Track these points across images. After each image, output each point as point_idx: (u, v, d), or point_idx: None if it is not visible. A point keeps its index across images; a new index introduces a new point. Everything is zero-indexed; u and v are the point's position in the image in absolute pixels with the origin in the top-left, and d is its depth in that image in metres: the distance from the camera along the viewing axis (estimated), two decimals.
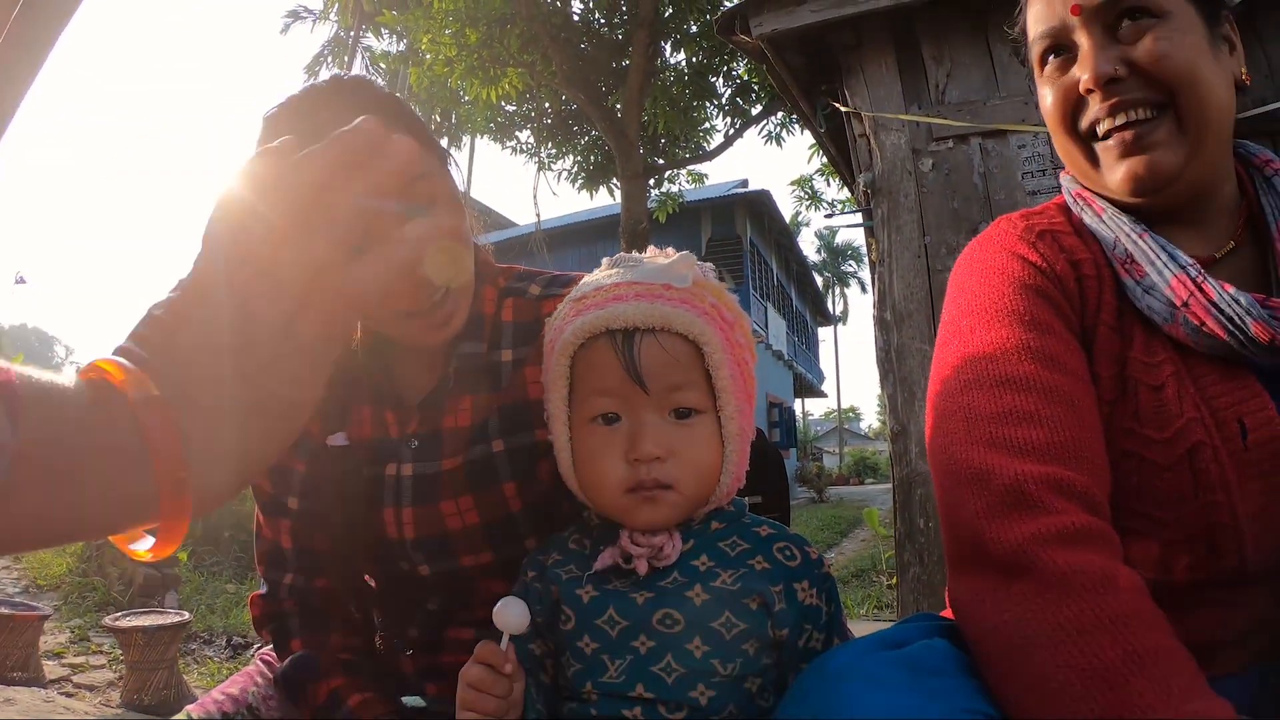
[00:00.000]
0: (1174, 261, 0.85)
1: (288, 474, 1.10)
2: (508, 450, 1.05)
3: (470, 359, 1.06)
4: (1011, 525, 0.73)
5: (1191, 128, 0.86)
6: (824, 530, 12.64)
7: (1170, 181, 0.87)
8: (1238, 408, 0.81)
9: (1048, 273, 0.90)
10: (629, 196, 9.58)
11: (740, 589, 0.84)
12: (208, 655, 4.55)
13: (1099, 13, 0.88)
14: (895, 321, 3.09)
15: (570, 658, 0.88)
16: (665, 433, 0.85)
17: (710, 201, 19.24)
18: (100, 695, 3.65)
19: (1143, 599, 0.69)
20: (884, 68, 3.24)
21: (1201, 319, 0.82)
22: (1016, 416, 0.80)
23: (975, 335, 0.89)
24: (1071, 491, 0.75)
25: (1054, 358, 0.84)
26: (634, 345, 0.84)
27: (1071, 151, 0.95)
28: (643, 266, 0.90)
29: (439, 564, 1.08)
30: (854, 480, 31.96)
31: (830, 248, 39.11)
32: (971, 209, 3.00)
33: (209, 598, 5.86)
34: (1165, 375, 0.84)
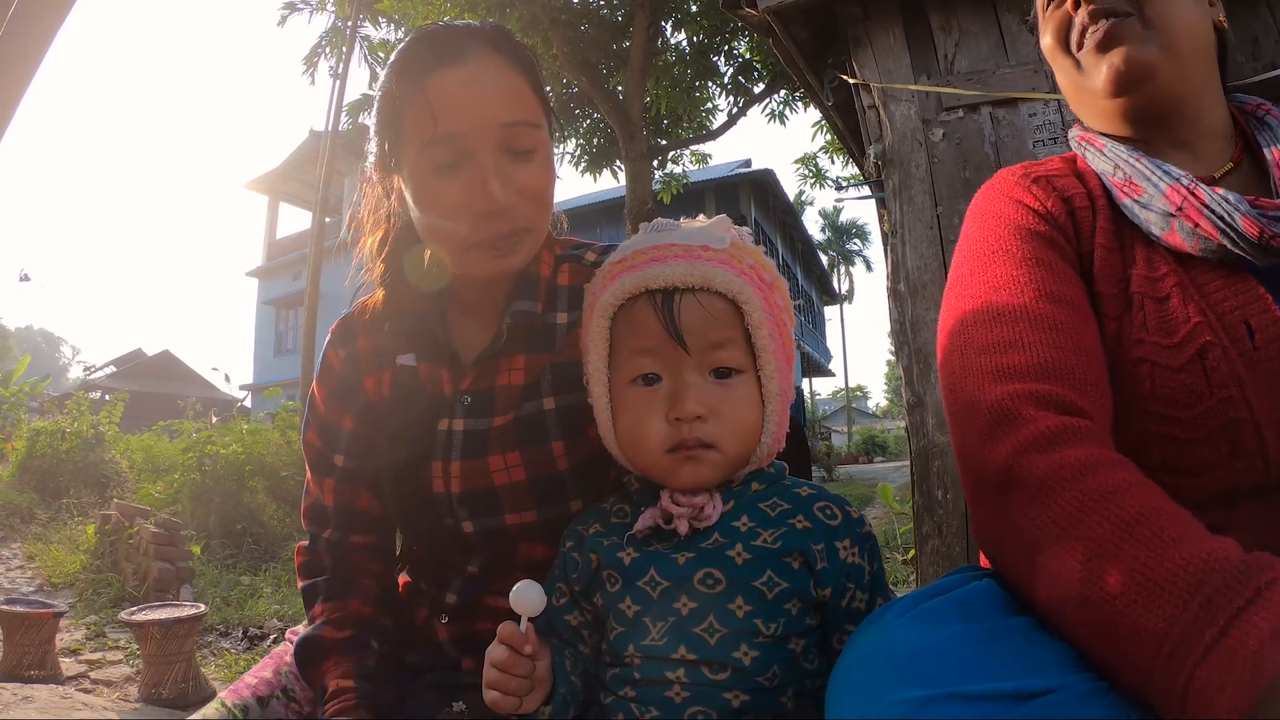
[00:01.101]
0: (1168, 175, 0.92)
1: (336, 431, 1.14)
2: (558, 408, 1.07)
3: (524, 316, 1.08)
4: (997, 444, 0.77)
5: (1160, 27, 0.95)
6: None
7: (1146, 74, 0.95)
8: (1242, 310, 0.85)
9: (1041, 212, 0.98)
10: (634, 178, 9.54)
11: (781, 547, 0.85)
12: (224, 647, 4.56)
13: None
14: (909, 293, 3.06)
15: (613, 620, 0.88)
16: (706, 392, 0.86)
17: (714, 182, 19.20)
18: (118, 690, 3.66)
19: (1123, 471, 0.72)
20: (892, 39, 3.19)
21: (1196, 220, 0.87)
22: (1004, 345, 0.85)
23: (975, 277, 0.95)
24: (1049, 401, 0.79)
25: (1044, 289, 0.89)
26: (674, 304, 0.85)
27: (1067, 69, 1.05)
28: (680, 230, 0.91)
29: (483, 520, 1.09)
30: (863, 459, 32.00)
31: (835, 226, 38.92)
32: (983, 178, 2.93)
33: (223, 590, 5.88)
34: (1169, 286, 0.89)
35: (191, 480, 7.71)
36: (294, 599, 5.63)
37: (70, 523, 7.57)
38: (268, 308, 28.86)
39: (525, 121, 1.01)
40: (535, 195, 1.02)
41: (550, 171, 1.06)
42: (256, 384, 28.49)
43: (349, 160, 23.52)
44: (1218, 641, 0.56)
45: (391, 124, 1.02)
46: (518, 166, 1.00)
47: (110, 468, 9.21)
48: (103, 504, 8.26)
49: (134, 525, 5.59)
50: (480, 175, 0.97)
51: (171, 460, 8.84)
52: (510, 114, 1.00)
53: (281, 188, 28.44)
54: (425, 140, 0.98)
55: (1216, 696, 0.55)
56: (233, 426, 9.26)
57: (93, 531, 6.16)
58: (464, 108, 0.97)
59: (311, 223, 18.27)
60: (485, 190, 0.97)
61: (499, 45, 1.04)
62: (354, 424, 1.15)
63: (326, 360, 1.18)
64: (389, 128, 1.03)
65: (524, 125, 1.01)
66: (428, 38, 1.03)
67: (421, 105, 0.97)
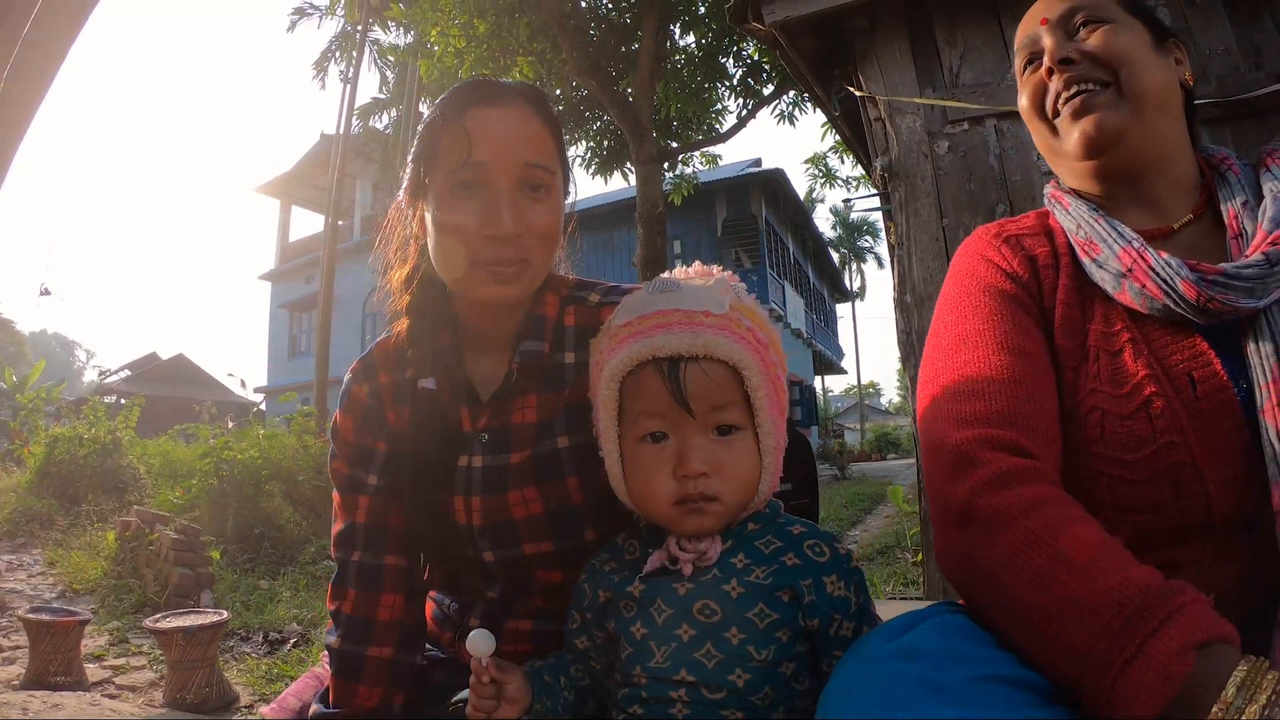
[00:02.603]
0: (1121, 238, 1.00)
1: (370, 453, 1.21)
2: (572, 446, 1.15)
3: (533, 355, 1.16)
4: (958, 483, 0.87)
5: (1130, 96, 1.03)
6: (847, 507, 12.62)
7: (1116, 138, 1.04)
8: (1186, 364, 0.94)
9: (1008, 271, 1.07)
10: (644, 181, 9.57)
11: (773, 583, 0.92)
12: (246, 652, 4.64)
13: (1061, 21, 1.10)
14: (915, 304, 3.10)
15: (624, 642, 0.96)
16: (709, 450, 0.93)
17: (725, 182, 19.19)
18: (143, 696, 3.74)
19: (1065, 507, 0.82)
20: (898, 51, 3.22)
21: (1143, 282, 0.95)
22: (968, 393, 0.96)
23: (948, 329, 1.06)
24: (1003, 445, 0.89)
25: (1006, 342, 0.99)
26: (679, 372, 0.92)
27: (1042, 132, 1.13)
28: (682, 291, 0.97)
29: (503, 551, 1.16)
30: (875, 456, 31.90)
31: (846, 223, 38.82)
32: (988, 190, 2.99)
33: (243, 595, 5.97)
34: (1122, 341, 0.98)
35: (209, 486, 7.81)
36: (312, 602, 5.71)
37: (90, 529, 7.67)
38: (281, 311, 29.08)
39: (544, 166, 1.11)
40: (541, 232, 1.11)
41: (558, 216, 1.15)
42: (271, 387, 28.72)
43: (360, 164, 23.68)
44: (1134, 657, 0.67)
45: (429, 150, 1.12)
46: (530, 203, 1.10)
47: (128, 473, 9.31)
48: (121, 509, 8.37)
49: (154, 531, 5.68)
50: (496, 203, 1.07)
51: (189, 466, 8.94)
52: (532, 156, 1.10)
53: (293, 191, 28.66)
54: (456, 164, 1.07)
55: (1133, 702, 0.66)
56: (249, 431, 9.36)
57: (113, 538, 6.25)
58: (493, 141, 1.08)
59: (324, 226, 18.42)
60: (497, 216, 1.07)
61: (533, 100, 1.15)
62: (385, 445, 1.22)
63: (351, 394, 1.24)
64: (426, 153, 1.12)
65: (542, 169, 1.11)
66: (473, 83, 1.15)
67: (458, 133, 1.08)
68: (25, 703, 3.21)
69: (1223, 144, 2.67)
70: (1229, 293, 0.90)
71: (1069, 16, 1.10)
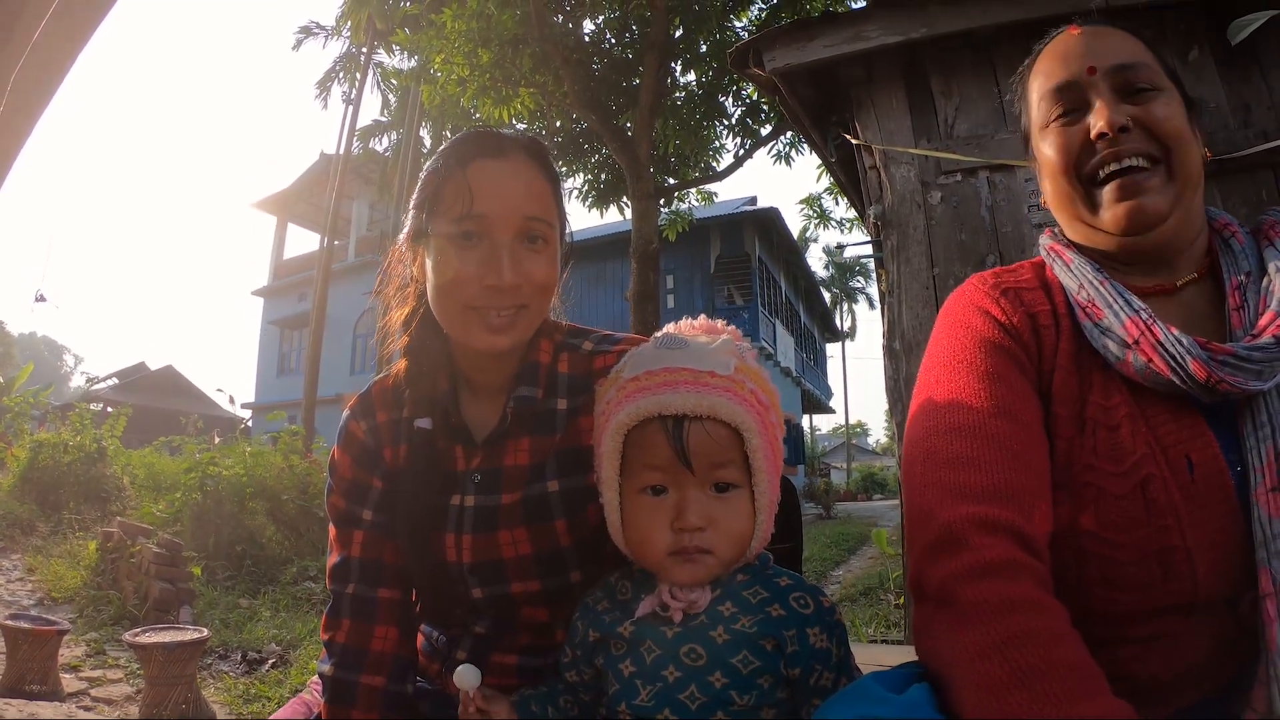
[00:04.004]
0: (1129, 305, 0.97)
1: (366, 489, 1.24)
2: (562, 490, 1.17)
3: (526, 401, 1.19)
4: (939, 563, 0.85)
5: (1179, 179, 1.00)
6: (832, 548, 12.61)
7: (1158, 223, 1.00)
8: (1185, 445, 0.91)
9: (1007, 326, 1.03)
10: (640, 217, 9.68)
11: (757, 632, 0.94)
12: (224, 670, 4.61)
13: (1111, 75, 1.02)
14: (904, 351, 3.16)
15: (611, 678, 0.99)
16: (706, 505, 0.96)
17: (719, 219, 19.35)
18: (119, 709, 3.71)
19: (1040, 618, 0.78)
20: (894, 101, 3.31)
21: (1149, 356, 0.93)
22: (961, 461, 0.92)
23: (940, 385, 1.02)
24: (997, 527, 0.85)
25: (1002, 406, 0.95)
26: (683, 431, 0.95)
27: (1070, 194, 1.05)
28: (690, 349, 1.00)
29: (491, 588, 1.19)
30: (861, 496, 31.86)
31: (838, 264, 39.15)
32: (979, 241, 3.06)
33: (222, 612, 5.92)
34: (1120, 416, 0.95)
35: (193, 500, 7.76)
36: (292, 623, 5.67)
37: (71, 537, 7.61)
38: (272, 327, 29.01)
39: (543, 219, 1.15)
40: (539, 283, 1.15)
41: (555, 267, 1.19)
42: (259, 403, 28.54)
43: (358, 185, 23.79)
44: None
45: (432, 198, 1.15)
46: (529, 254, 1.14)
47: (111, 483, 9.24)
48: (103, 519, 8.30)
49: (136, 544, 5.64)
50: (496, 254, 1.11)
51: (173, 479, 8.88)
52: (532, 209, 1.14)
53: (290, 208, 28.76)
54: (458, 214, 1.11)
55: None
56: (235, 448, 9.32)
57: (94, 548, 6.21)
58: (495, 194, 1.12)
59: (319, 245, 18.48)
60: (497, 267, 1.10)
61: (534, 154, 1.19)
62: (381, 482, 1.25)
63: (349, 430, 1.27)
64: (429, 201, 1.16)
65: (541, 222, 1.15)
66: (476, 134, 1.19)
67: (461, 184, 1.11)
68: (1, 710, 3.19)
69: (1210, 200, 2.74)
70: (1238, 374, 0.89)
71: (1122, 71, 1.02)
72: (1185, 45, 2.89)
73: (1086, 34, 1.06)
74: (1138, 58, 1.03)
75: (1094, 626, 0.87)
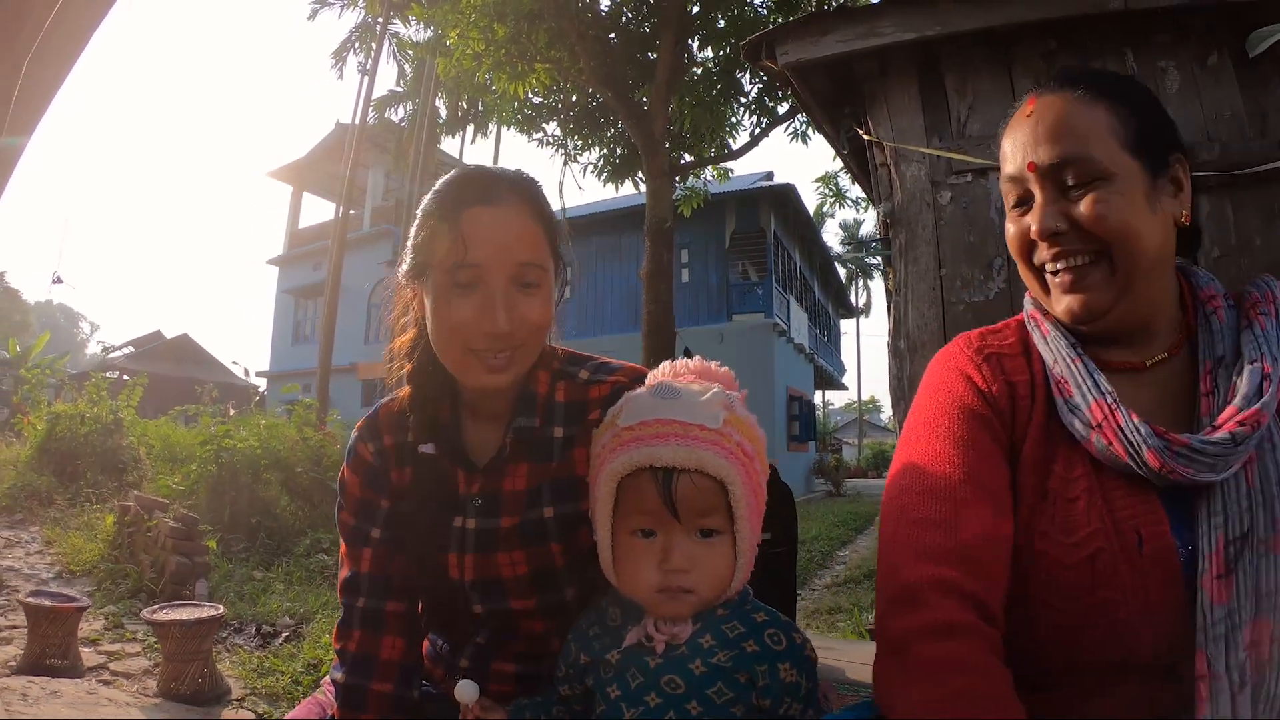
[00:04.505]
0: (1097, 388, 1.02)
1: (373, 508, 1.31)
2: (557, 516, 1.24)
3: (524, 431, 1.25)
4: (899, 618, 0.93)
5: (1122, 273, 1.02)
6: (839, 527, 12.71)
7: (1102, 315, 1.04)
8: (1136, 521, 0.96)
9: (986, 394, 1.09)
10: (654, 195, 9.64)
11: (732, 666, 1.02)
12: (238, 644, 4.72)
13: (1050, 172, 1.04)
14: (909, 350, 3.17)
15: (599, 699, 1.07)
16: (691, 550, 1.03)
17: (735, 194, 19.22)
18: (137, 683, 3.81)
19: (986, 682, 0.86)
20: (907, 98, 3.28)
21: (1110, 440, 0.98)
22: (929, 523, 0.99)
23: (920, 445, 1.08)
24: (955, 590, 0.93)
25: (974, 474, 1.02)
26: (672, 482, 1.01)
27: (1028, 278, 1.12)
28: (681, 401, 1.06)
29: (491, 604, 1.26)
30: (872, 473, 31.99)
31: (855, 239, 38.89)
32: (988, 243, 3.05)
33: (237, 584, 6.05)
34: (1080, 489, 1.00)
35: (208, 472, 7.90)
36: (305, 596, 5.80)
37: (88, 509, 7.77)
38: (287, 296, 29.17)
39: (536, 264, 1.19)
40: (533, 325, 1.20)
41: (550, 307, 1.23)
42: (274, 372, 28.81)
43: (373, 154, 23.78)
44: None
45: (427, 242, 1.19)
46: (523, 298, 1.18)
47: (128, 454, 9.40)
48: (120, 490, 8.46)
49: (152, 518, 5.75)
50: (491, 302, 1.15)
51: (189, 450, 9.02)
52: (525, 255, 1.18)
53: (305, 178, 28.79)
54: (453, 263, 1.15)
55: None
56: (249, 419, 9.46)
57: (111, 521, 6.33)
58: (489, 243, 1.15)
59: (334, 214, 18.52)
60: (493, 315, 1.15)
61: (527, 197, 1.22)
62: (388, 501, 1.31)
63: (357, 452, 1.33)
64: (425, 245, 1.19)
65: (534, 266, 1.19)
66: (469, 176, 1.22)
67: (455, 233, 1.15)
68: (25, 688, 3.29)
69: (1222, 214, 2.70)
70: (1191, 466, 0.92)
71: (1060, 168, 1.03)
72: (1205, 50, 2.85)
73: (1036, 113, 1.06)
74: (1081, 146, 1.02)
75: (1043, 678, 0.96)
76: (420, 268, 1.21)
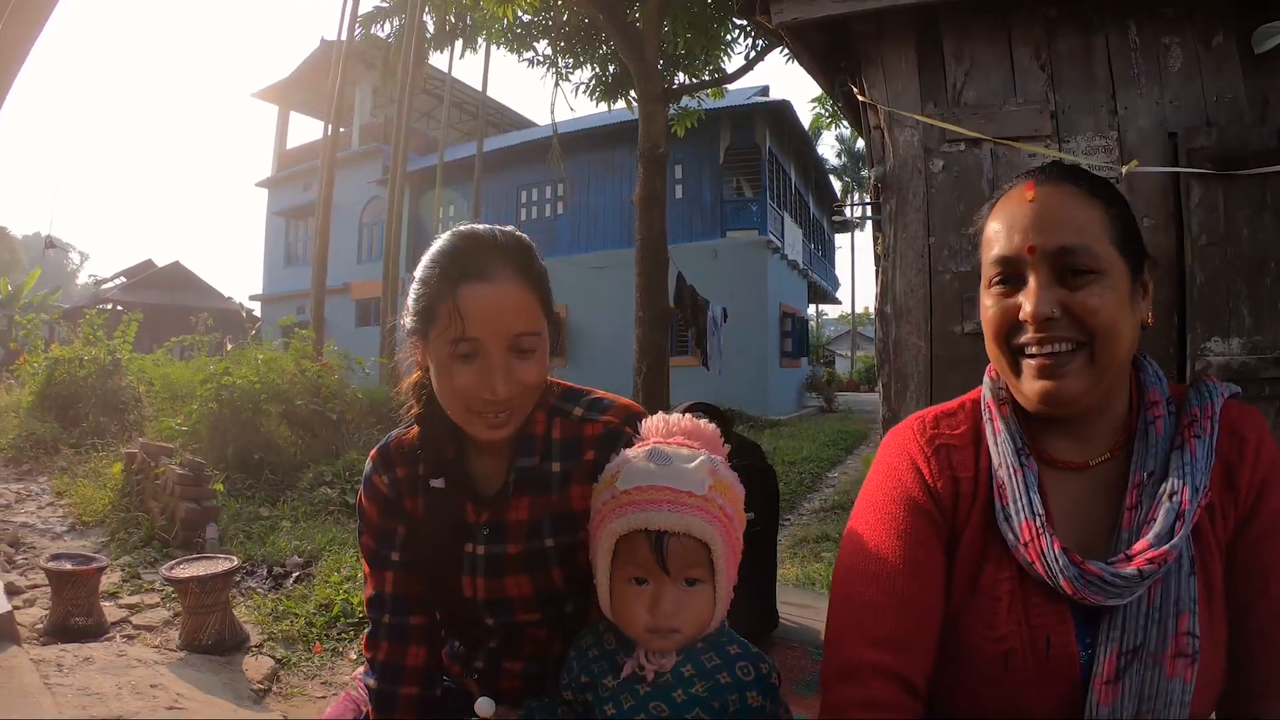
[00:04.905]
0: (1030, 508, 1.10)
1: (391, 535, 1.45)
2: (557, 545, 1.38)
3: (526, 471, 1.38)
4: (838, 689, 1.09)
5: (1100, 364, 1.07)
6: (829, 446, 12.86)
7: (1073, 403, 1.08)
8: (1048, 628, 1.07)
9: (931, 489, 1.18)
10: (647, 119, 9.45)
11: (708, 695, 1.20)
12: (251, 587, 4.88)
13: (1051, 257, 1.06)
14: (895, 315, 3.23)
15: (598, 712, 1.24)
16: (677, 597, 1.18)
17: (730, 110, 18.80)
18: (159, 635, 3.98)
19: None
20: (903, 62, 3.24)
21: (1034, 559, 1.07)
22: (871, 607, 1.12)
23: (868, 529, 1.19)
24: (888, 673, 1.06)
25: (912, 567, 1.13)
26: (663, 543, 1.16)
27: (1000, 358, 1.14)
28: (671, 469, 1.20)
29: (500, 618, 1.42)
30: (864, 387, 32.30)
31: (851, 152, 38.29)
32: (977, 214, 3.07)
33: (244, 524, 6.21)
34: (1004, 591, 1.10)
35: (209, 410, 8.00)
36: (312, 533, 5.98)
37: (93, 455, 7.90)
38: (277, 218, 28.81)
39: (531, 332, 1.28)
40: (530, 386, 1.30)
41: (544, 366, 1.33)
42: (267, 295, 28.70)
43: (360, 70, 23.13)
44: None
45: (427, 312, 1.27)
46: (519, 363, 1.27)
47: (128, 393, 9.48)
48: (123, 432, 8.58)
49: (159, 465, 5.86)
50: (490, 373, 1.25)
51: (188, 388, 9.10)
52: (521, 326, 1.26)
53: (292, 97, 28.06)
54: (453, 336, 1.24)
55: None
56: (247, 353, 9.51)
57: (119, 469, 6.44)
58: (486, 319, 1.24)
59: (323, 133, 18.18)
60: (492, 384, 1.25)
61: (518, 267, 1.29)
62: (404, 528, 1.44)
63: (372, 483, 1.45)
64: (425, 314, 1.28)
65: (530, 335, 1.28)
66: (464, 249, 1.28)
67: (453, 309, 1.23)
68: (58, 658, 3.45)
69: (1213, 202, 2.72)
70: (1100, 593, 1.02)
71: (1061, 255, 1.06)
72: (1210, 29, 2.81)
73: (1038, 199, 1.08)
74: (1082, 238, 1.06)
75: None
76: (422, 332, 1.29)
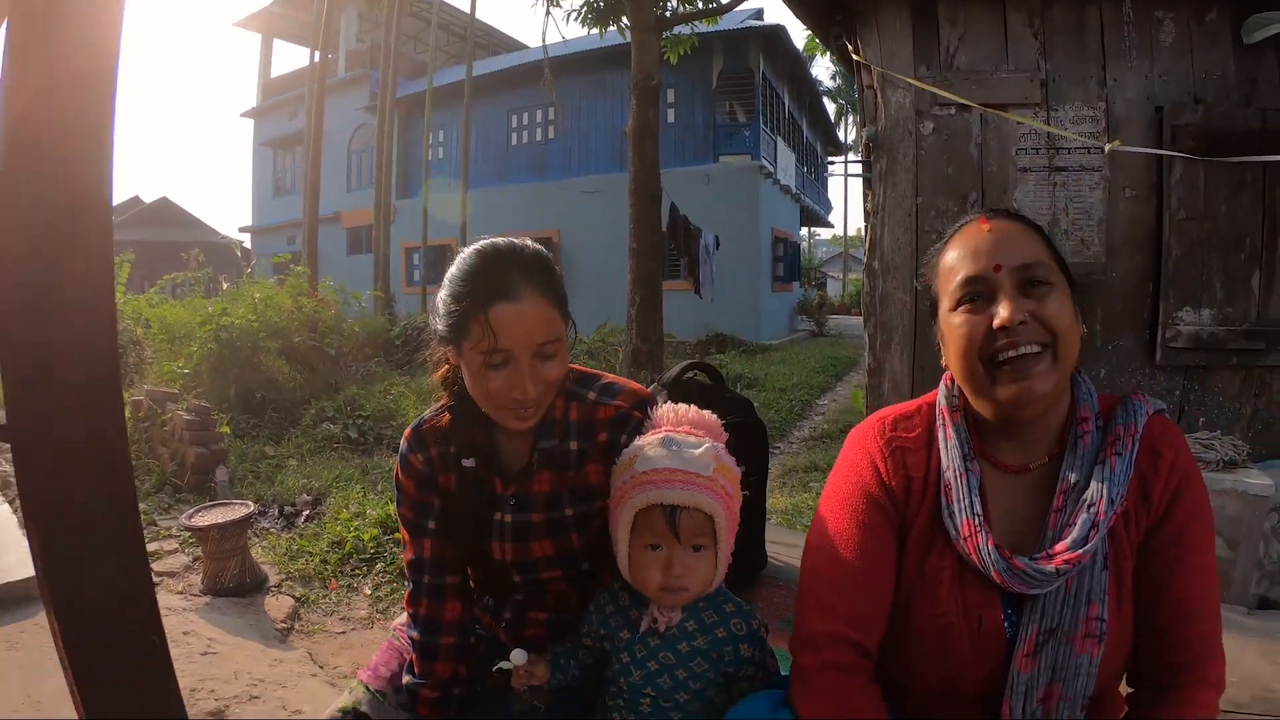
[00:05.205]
0: (971, 508, 1.27)
1: (428, 507, 1.64)
2: (576, 514, 1.60)
3: (547, 450, 1.58)
4: (805, 653, 1.28)
5: (1062, 361, 1.22)
6: (820, 373, 12.93)
7: (1041, 400, 1.22)
8: (980, 609, 1.26)
9: (887, 487, 1.35)
10: (640, 49, 9.29)
11: (707, 647, 1.44)
12: (265, 527, 5.03)
13: (1015, 274, 1.23)
14: (882, 270, 3.33)
15: (614, 659, 1.50)
16: (686, 560, 1.42)
17: (723, 34, 18.38)
18: (181, 581, 4.15)
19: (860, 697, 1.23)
20: (898, 23, 3.25)
21: (971, 552, 1.25)
22: (833, 587, 1.31)
23: (833, 516, 1.37)
24: (845, 641, 1.26)
25: (868, 554, 1.31)
26: (676, 515, 1.38)
27: (975, 371, 1.25)
28: (682, 455, 1.40)
29: (526, 575, 1.66)
30: (855, 310, 32.36)
31: (846, 75, 37.48)
32: (965, 177, 3.15)
33: (251, 464, 6.34)
34: (945, 576, 1.29)
35: (209, 351, 8.09)
36: (318, 470, 6.11)
37: None
38: (264, 149, 28.29)
39: (554, 339, 1.45)
40: (553, 382, 1.48)
41: (565, 362, 1.51)
42: (257, 226, 28.41)
43: None
44: None
45: (459, 327, 1.43)
46: (544, 365, 1.45)
47: (126, 336, 9.51)
48: (124, 377, 8.65)
49: (166, 411, 5.97)
50: (520, 377, 1.43)
51: (187, 329, 9.15)
52: (544, 335, 1.44)
53: (275, 25, 27.24)
54: (485, 349, 1.41)
55: None
56: (243, 291, 9.55)
57: (127, 417, 6.55)
58: (515, 333, 1.41)
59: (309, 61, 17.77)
60: (522, 386, 1.43)
61: (541, 283, 1.45)
62: (439, 500, 1.65)
63: (409, 461, 1.64)
64: (458, 329, 1.44)
65: (553, 342, 1.45)
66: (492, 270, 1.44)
67: (484, 325, 1.40)
68: None
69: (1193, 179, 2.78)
70: (1025, 584, 1.20)
71: (1024, 269, 1.21)
72: (1204, 7, 2.84)
73: (994, 230, 1.26)
74: (1036, 256, 1.23)
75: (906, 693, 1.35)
76: (455, 342, 1.46)
